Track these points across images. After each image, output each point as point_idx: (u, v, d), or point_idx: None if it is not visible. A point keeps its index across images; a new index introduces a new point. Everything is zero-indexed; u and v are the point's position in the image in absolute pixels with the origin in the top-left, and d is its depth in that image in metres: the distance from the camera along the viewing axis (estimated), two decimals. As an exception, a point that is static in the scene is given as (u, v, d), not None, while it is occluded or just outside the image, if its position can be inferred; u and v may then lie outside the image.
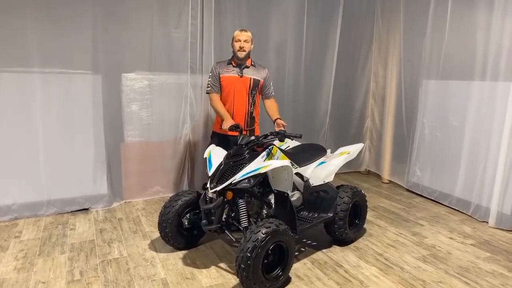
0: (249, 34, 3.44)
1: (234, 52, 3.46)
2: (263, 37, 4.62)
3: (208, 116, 4.40)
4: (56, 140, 3.74)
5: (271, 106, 3.62)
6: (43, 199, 3.74)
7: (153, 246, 3.21)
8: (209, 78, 3.56)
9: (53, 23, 3.57)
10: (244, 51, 3.40)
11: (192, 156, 4.46)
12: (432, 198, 4.51)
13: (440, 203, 4.40)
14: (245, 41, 3.39)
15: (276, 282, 2.56)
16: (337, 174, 5.12)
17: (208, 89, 3.55)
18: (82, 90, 3.79)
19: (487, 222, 3.83)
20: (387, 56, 5.19)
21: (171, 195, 3.97)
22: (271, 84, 3.68)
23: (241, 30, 3.44)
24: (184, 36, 4.18)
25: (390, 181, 5.23)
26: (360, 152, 5.44)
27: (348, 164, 4.01)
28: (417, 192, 4.73)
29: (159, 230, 3.04)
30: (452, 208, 4.25)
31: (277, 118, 3.44)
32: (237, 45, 3.40)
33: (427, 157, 4.59)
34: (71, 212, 3.87)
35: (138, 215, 3.87)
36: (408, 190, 4.86)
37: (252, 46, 3.48)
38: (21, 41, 3.48)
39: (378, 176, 5.43)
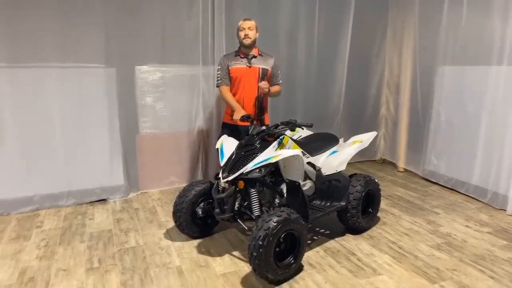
0: (252, 22, 3.45)
1: (240, 42, 3.48)
2: (274, 26, 4.60)
3: (220, 106, 4.42)
4: (74, 133, 3.83)
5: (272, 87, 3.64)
6: (63, 191, 3.86)
7: (168, 235, 3.28)
8: (218, 71, 3.59)
9: (66, 19, 3.64)
10: (250, 38, 3.42)
11: (205, 147, 4.51)
12: (448, 186, 4.45)
13: (457, 191, 4.33)
14: (249, 28, 3.41)
15: (288, 270, 2.59)
16: (351, 163, 5.10)
17: (218, 82, 3.58)
18: (96, 84, 3.86)
19: (505, 210, 3.76)
20: (401, 43, 5.09)
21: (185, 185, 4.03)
22: (279, 72, 3.69)
23: (245, 19, 3.47)
24: (195, 28, 4.20)
25: (406, 170, 5.18)
26: (375, 140, 5.40)
27: (362, 152, 3.97)
28: (433, 180, 4.67)
29: (174, 219, 3.11)
30: (469, 196, 4.18)
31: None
32: (242, 33, 3.42)
33: (443, 144, 4.52)
34: (89, 202, 3.98)
35: (154, 205, 3.95)
36: (424, 179, 4.80)
37: (257, 34, 3.49)
38: (37, 37, 3.56)
39: (394, 165, 5.38)
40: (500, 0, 3.76)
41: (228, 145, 3.00)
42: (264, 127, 2.93)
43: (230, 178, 2.71)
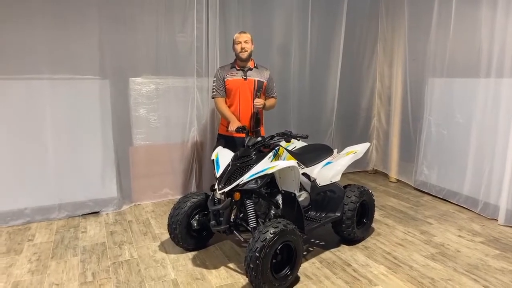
0: (248, 35, 3.49)
1: (236, 55, 3.51)
2: (267, 38, 4.66)
3: (214, 118, 4.44)
4: (66, 145, 3.80)
5: (267, 100, 3.67)
6: (54, 203, 3.81)
7: (163, 247, 3.25)
8: (213, 83, 3.61)
9: (60, 30, 3.64)
10: (246, 51, 3.45)
11: (199, 158, 4.51)
12: (440, 196, 4.50)
13: (449, 201, 4.39)
14: (245, 41, 3.45)
15: (285, 282, 2.58)
16: (344, 174, 5.13)
17: (214, 93, 3.60)
18: (90, 95, 3.85)
19: (497, 220, 3.81)
20: (392, 55, 5.19)
21: (179, 197, 4.01)
22: (274, 85, 3.73)
23: (240, 32, 3.51)
24: (189, 40, 4.23)
25: (398, 180, 5.23)
26: (367, 151, 5.45)
27: (355, 163, 4.01)
28: (425, 190, 4.72)
29: (168, 231, 3.09)
30: (460, 206, 4.24)
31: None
32: (238, 47, 3.45)
33: (434, 155, 4.58)
34: (82, 215, 3.93)
35: (147, 218, 3.92)
36: (415, 189, 4.85)
37: (253, 46, 3.53)
38: (30, 49, 3.55)
39: (386, 175, 5.43)
40: (487, 14, 3.88)
41: (223, 156, 3.01)
42: (259, 138, 2.94)
43: (226, 189, 2.71)
